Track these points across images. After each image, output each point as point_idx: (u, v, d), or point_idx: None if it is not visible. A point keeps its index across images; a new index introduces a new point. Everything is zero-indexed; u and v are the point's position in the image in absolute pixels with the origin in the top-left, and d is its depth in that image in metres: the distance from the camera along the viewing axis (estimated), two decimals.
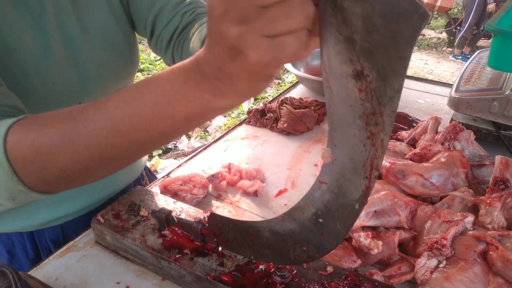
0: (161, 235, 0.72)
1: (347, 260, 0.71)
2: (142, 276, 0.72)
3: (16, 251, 0.91)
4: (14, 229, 0.88)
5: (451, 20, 6.31)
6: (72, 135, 0.47)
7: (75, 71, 0.73)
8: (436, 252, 0.69)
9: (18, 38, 0.65)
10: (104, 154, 0.48)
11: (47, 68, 0.69)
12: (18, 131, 0.49)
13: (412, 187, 0.82)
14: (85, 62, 0.75)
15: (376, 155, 0.43)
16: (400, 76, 0.38)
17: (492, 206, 0.75)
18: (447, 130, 0.95)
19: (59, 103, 0.72)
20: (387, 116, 0.40)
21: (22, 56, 0.66)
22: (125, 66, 0.83)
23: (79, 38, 0.74)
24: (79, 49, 0.74)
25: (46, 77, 0.69)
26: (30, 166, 0.49)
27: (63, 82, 0.72)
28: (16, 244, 0.90)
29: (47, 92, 0.70)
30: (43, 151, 0.48)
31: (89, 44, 0.75)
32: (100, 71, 0.77)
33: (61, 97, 0.72)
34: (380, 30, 0.36)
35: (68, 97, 0.73)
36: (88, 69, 0.75)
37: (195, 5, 0.81)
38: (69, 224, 0.91)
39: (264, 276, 0.64)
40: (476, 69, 1.13)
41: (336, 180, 0.48)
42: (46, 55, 0.69)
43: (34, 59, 0.68)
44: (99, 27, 0.77)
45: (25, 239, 0.90)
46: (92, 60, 0.76)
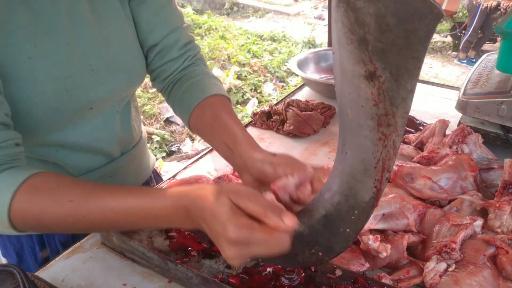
0: (168, 236, 0.72)
1: (355, 263, 0.70)
2: (149, 278, 0.72)
3: (24, 254, 0.91)
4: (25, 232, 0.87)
5: (456, 24, 6.29)
6: (71, 220, 0.58)
7: (91, 76, 0.74)
8: (445, 256, 0.68)
9: (33, 46, 0.66)
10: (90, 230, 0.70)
11: (61, 75, 0.70)
12: (23, 203, 0.57)
13: (420, 190, 0.82)
14: (102, 68, 0.76)
15: (388, 157, 0.43)
16: (413, 76, 0.37)
17: (502, 209, 0.74)
18: (455, 133, 0.94)
19: (71, 108, 0.73)
20: (399, 117, 0.40)
21: (37, 64, 0.67)
22: (138, 72, 0.85)
23: (97, 44, 0.75)
24: (97, 55, 0.75)
25: (60, 84, 0.70)
26: (28, 228, 0.62)
27: (77, 87, 0.72)
28: (25, 247, 0.90)
29: (59, 98, 0.70)
30: (43, 223, 0.59)
31: (107, 50, 0.77)
32: (116, 77, 0.79)
33: (73, 101, 0.73)
34: (394, 30, 0.35)
35: (81, 102, 0.74)
36: (104, 74, 0.76)
37: (195, 50, 0.89)
38: None
39: (272, 279, 0.63)
40: (484, 72, 1.13)
41: (346, 181, 0.47)
42: (60, 61, 0.70)
43: (48, 67, 0.68)
44: (117, 33, 0.79)
45: (34, 242, 0.90)
46: (109, 66, 0.77)
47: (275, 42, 6.26)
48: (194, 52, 0.89)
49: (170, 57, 0.86)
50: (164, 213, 0.55)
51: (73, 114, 0.75)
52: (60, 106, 0.71)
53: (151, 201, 0.56)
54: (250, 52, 5.57)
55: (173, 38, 0.85)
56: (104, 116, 0.82)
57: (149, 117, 4.02)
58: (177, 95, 0.85)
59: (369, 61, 0.38)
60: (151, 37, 0.84)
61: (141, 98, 4.17)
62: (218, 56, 5.28)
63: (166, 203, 0.55)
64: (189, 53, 0.88)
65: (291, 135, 1.17)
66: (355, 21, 0.37)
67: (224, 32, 6.35)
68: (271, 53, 5.72)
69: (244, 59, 5.20)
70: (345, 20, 0.37)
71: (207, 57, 5.21)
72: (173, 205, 0.54)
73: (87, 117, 0.78)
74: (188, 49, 0.88)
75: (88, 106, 0.76)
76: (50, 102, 0.69)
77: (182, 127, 4.02)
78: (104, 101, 0.79)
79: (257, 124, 1.24)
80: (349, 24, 0.37)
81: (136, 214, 0.56)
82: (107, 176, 0.87)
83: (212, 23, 6.59)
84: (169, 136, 3.81)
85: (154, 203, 0.56)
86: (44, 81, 0.68)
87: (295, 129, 1.15)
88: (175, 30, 0.85)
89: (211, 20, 6.77)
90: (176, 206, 0.54)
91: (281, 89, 4.76)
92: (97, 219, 0.57)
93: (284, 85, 4.89)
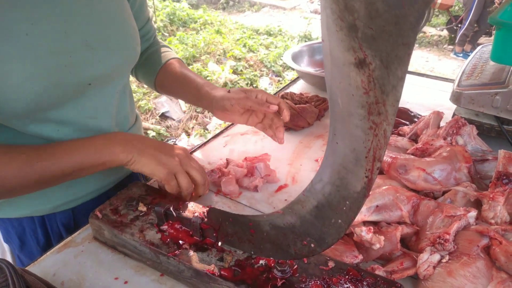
0: (160, 230, 0.72)
1: (348, 255, 0.70)
2: (141, 272, 0.71)
3: (27, 237, 0.91)
4: (26, 214, 0.88)
5: (452, 17, 6.29)
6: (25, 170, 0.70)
7: (88, 53, 0.76)
8: (439, 247, 0.68)
9: (30, 23, 0.68)
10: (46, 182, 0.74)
11: (59, 51, 0.72)
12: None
13: (414, 182, 0.82)
14: (99, 45, 0.78)
15: (379, 146, 0.42)
16: (403, 63, 0.37)
17: (495, 200, 0.74)
18: (449, 125, 0.94)
19: (71, 83, 0.75)
20: (390, 105, 0.39)
21: (35, 41, 0.68)
22: (133, 49, 0.87)
23: (94, 22, 0.77)
24: (93, 33, 0.77)
25: (59, 59, 0.72)
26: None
27: (75, 63, 0.74)
28: (27, 231, 0.90)
29: (59, 73, 0.72)
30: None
31: (103, 27, 0.79)
32: (112, 54, 0.81)
33: (73, 76, 0.74)
34: (384, 15, 0.35)
35: (80, 77, 0.76)
36: (101, 51, 0.78)
37: (154, 33, 1.08)
38: (80, 209, 0.91)
39: (265, 271, 0.63)
40: (478, 64, 1.12)
41: (337, 172, 0.47)
42: (58, 38, 0.71)
43: (46, 43, 0.70)
44: (111, 13, 0.81)
45: (36, 225, 0.90)
46: (105, 43, 0.79)
47: (271, 37, 6.24)
48: (154, 35, 1.08)
49: (142, 41, 0.99)
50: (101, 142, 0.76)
51: (73, 90, 0.77)
52: (61, 81, 0.73)
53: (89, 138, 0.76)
54: (246, 47, 5.55)
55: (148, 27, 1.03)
56: (103, 94, 0.84)
57: (145, 112, 4.00)
58: (137, 65, 1.04)
59: (359, 48, 0.37)
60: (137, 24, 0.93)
61: (137, 93, 4.15)
62: (213, 51, 5.25)
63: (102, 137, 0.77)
64: (152, 38, 1.07)
65: (285, 128, 1.16)
66: (344, 8, 0.36)
67: (220, 26, 6.33)
68: (267, 48, 5.70)
69: (240, 54, 5.18)
70: (334, 6, 0.37)
71: (203, 51, 5.19)
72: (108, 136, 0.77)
73: (87, 94, 0.81)
74: (153, 34, 1.07)
75: (86, 81, 0.78)
76: (52, 77, 0.71)
77: (177, 122, 4.01)
78: (102, 77, 0.81)
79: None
80: (338, 10, 0.36)
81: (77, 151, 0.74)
82: None
83: (207, 18, 6.57)
84: (164, 131, 3.79)
85: (91, 139, 0.76)
86: (44, 56, 0.70)
87: (290, 122, 1.14)
88: (149, 21, 1.03)
89: (206, 14, 6.74)
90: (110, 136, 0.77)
91: (277, 83, 4.75)
92: (48, 163, 0.71)
93: (280, 79, 4.87)
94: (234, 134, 1.16)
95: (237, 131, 1.17)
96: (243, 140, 1.13)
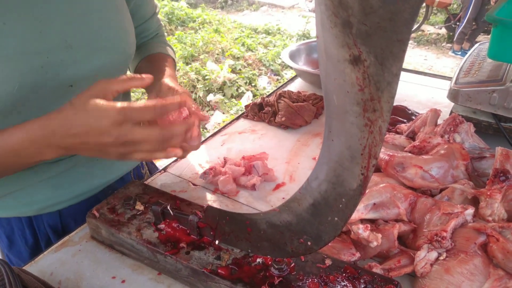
0: (157, 229, 0.71)
1: (345, 253, 0.70)
2: (138, 271, 0.71)
3: (15, 237, 0.91)
4: (13, 214, 0.87)
5: (451, 15, 6.28)
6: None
7: (67, 53, 0.73)
8: (436, 245, 0.68)
9: (2, 23, 0.66)
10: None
11: (34, 51, 0.69)
12: None
13: (411, 180, 0.81)
14: (80, 45, 0.75)
15: (374, 143, 0.42)
16: (398, 60, 0.37)
17: (493, 198, 0.74)
18: (446, 122, 0.94)
19: (49, 85, 0.72)
20: (385, 102, 0.39)
21: (7, 41, 0.66)
22: (120, 51, 0.83)
23: (75, 21, 0.74)
24: (74, 32, 0.74)
25: (34, 60, 0.69)
26: None
27: (53, 64, 0.72)
28: (16, 230, 0.90)
29: (35, 75, 0.70)
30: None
31: (86, 26, 0.76)
32: (95, 54, 0.77)
33: (50, 78, 0.72)
34: (378, 11, 0.34)
35: (58, 79, 0.73)
36: (83, 51, 0.75)
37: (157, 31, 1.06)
38: (68, 211, 0.90)
39: (262, 269, 0.63)
40: (476, 61, 1.12)
41: (333, 169, 0.47)
42: (33, 38, 0.69)
43: (20, 43, 0.68)
44: (98, 12, 0.78)
45: (24, 225, 0.89)
46: (88, 43, 0.76)
47: (269, 35, 6.23)
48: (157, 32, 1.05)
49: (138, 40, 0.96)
50: (20, 146, 0.63)
51: (53, 92, 0.74)
52: (38, 82, 0.71)
53: (8, 136, 0.63)
54: (245, 46, 5.54)
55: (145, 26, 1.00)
56: None
57: None
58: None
59: (353, 44, 0.37)
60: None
61: (135, 93, 4.15)
62: (212, 50, 5.25)
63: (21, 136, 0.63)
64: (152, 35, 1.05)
65: (283, 127, 1.16)
66: (338, 4, 0.36)
67: (218, 25, 6.32)
68: (265, 47, 5.70)
69: (239, 53, 5.17)
70: (328, 2, 0.36)
71: (201, 50, 5.18)
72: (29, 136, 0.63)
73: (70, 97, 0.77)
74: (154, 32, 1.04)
75: (67, 83, 0.75)
76: (26, 79, 0.69)
77: None
78: (86, 80, 0.77)
79: (249, 116, 1.23)
80: (332, 6, 0.36)
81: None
82: (94, 159, 0.88)
83: (206, 17, 6.56)
84: None
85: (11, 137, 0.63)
86: (17, 57, 0.67)
87: (287, 120, 1.15)
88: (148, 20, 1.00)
89: (205, 13, 6.73)
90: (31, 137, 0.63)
91: (275, 82, 4.74)
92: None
93: (279, 78, 4.87)
94: (231, 132, 1.16)
95: (234, 130, 1.17)
96: (240, 138, 1.13)
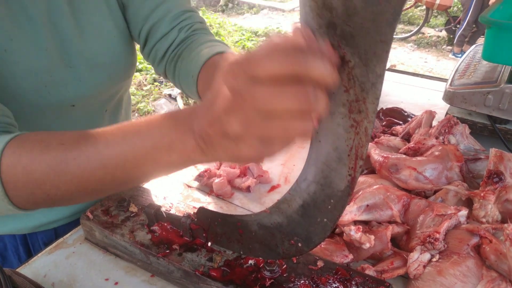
0: (150, 230, 0.72)
1: (338, 255, 0.70)
2: (131, 273, 0.71)
3: (8, 254, 0.90)
4: (7, 231, 0.87)
5: (451, 18, 6.29)
6: (62, 165, 0.48)
7: (68, 72, 0.72)
8: (429, 246, 0.68)
9: (9, 39, 0.64)
10: (89, 186, 0.50)
11: (39, 69, 0.68)
12: (12, 155, 0.50)
13: (405, 181, 0.81)
14: (79, 63, 0.73)
15: (361, 144, 0.42)
16: (382, 60, 0.37)
17: (486, 199, 0.73)
18: (441, 124, 0.94)
19: (51, 105, 0.71)
20: (370, 103, 0.39)
21: (13, 58, 0.65)
22: (120, 69, 0.81)
23: (74, 39, 0.72)
24: (73, 50, 0.72)
25: (38, 78, 0.68)
26: (21, 189, 0.51)
27: (56, 83, 0.70)
28: (9, 247, 0.89)
29: (38, 94, 0.68)
30: (34, 176, 0.49)
31: (85, 45, 0.73)
32: (95, 73, 0.75)
33: (53, 98, 0.70)
34: (361, 12, 0.35)
35: (60, 99, 0.72)
36: (83, 70, 0.73)
37: (193, 20, 0.80)
38: (63, 228, 0.90)
39: (254, 271, 0.63)
40: (471, 63, 1.12)
41: (321, 170, 0.47)
42: (38, 55, 0.67)
43: (26, 60, 0.66)
44: (96, 28, 0.75)
45: (17, 242, 0.89)
46: (87, 62, 0.74)
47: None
48: (191, 22, 0.79)
49: (161, 32, 0.78)
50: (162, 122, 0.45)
51: (54, 111, 0.73)
52: (40, 102, 0.69)
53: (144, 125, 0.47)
54: (245, 49, 5.56)
55: (161, 11, 0.76)
56: (90, 115, 0.80)
57: (144, 114, 4.00)
58: (180, 72, 0.76)
59: (338, 46, 0.37)
60: (140, 16, 0.77)
61: (136, 96, 4.16)
62: None
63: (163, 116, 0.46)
64: (183, 23, 0.78)
65: None
66: (322, 5, 0.36)
67: (219, 29, 6.34)
68: None
69: None
70: (312, 4, 0.37)
71: None
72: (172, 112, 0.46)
73: (71, 116, 0.76)
74: (182, 19, 0.78)
75: (69, 103, 0.74)
76: (29, 97, 0.68)
77: None
78: (86, 98, 0.76)
79: None
80: (316, 8, 0.37)
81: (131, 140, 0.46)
82: None
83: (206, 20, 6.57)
84: None
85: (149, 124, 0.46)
86: (22, 74, 0.66)
87: None
88: (165, 2, 0.76)
89: (205, 17, 6.75)
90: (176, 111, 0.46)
91: None
92: (89, 162, 0.48)
93: None
94: None
95: None
96: None
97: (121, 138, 0.47)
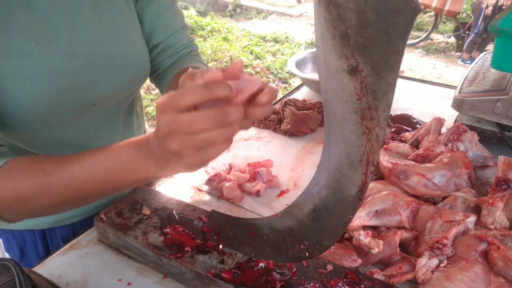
0: (163, 233, 0.73)
1: (347, 259, 0.71)
2: (144, 274, 0.73)
3: (27, 248, 0.93)
4: (28, 227, 0.90)
5: (460, 24, 6.27)
6: (46, 188, 0.59)
7: (92, 74, 0.75)
8: (437, 252, 0.68)
9: (35, 43, 0.67)
10: (70, 202, 0.62)
11: (64, 71, 0.71)
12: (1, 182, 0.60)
13: (414, 188, 0.82)
14: (103, 66, 0.77)
15: (372, 150, 0.43)
16: (393, 70, 0.38)
17: (494, 206, 0.74)
18: (450, 131, 0.95)
19: (73, 104, 0.74)
20: (382, 110, 0.41)
21: (39, 61, 0.68)
22: (140, 70, 0.86)
23: (99, 42, 0.76)
24: (98, 53, 0.76)
25: (63, 80, 0.71)
26: (9, 208, 0.62)
27: (80, 84, 0.74)
28: (28, 242, 0.92)
29: (62, 95, 0.72)
30: (21, 199, 0.60)
31: (109, 48, 0.78)
32: (117, 74, 0.80)
33: (75, 98, 0.74)
34: (374, 24, 0.36)
35: (83, 99, 0.76)
36: (106, 72, 0.78)
37: (193, 47, 0.97)
38: (80, 224, 0.93)
39: (264, 274, 0.64)
40: (480, 71, 1.13)
41: (333, 175, 0.48)
42: (63, 59, 0.71)
43: (51, 63, 0.70)
44: (119, 32, 0.80)
45: (36, 237, 0.92)
46: (110, 64, 0.78)
47: (277, 44, 6.26)
48: (191, 49, 0.96)
49: (169, 54, 0.93)
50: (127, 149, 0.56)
51: (76, 111, 0.76)
52: (63, 102, 0.73)
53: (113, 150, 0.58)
54: (253, 54, 5.58)
55: (174, 39, 0.92)
56: (107, 114, 0.84)
57: (152, 118, 4.03)
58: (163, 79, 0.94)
59: (351, 55, 0.39)
60: (154, 37, 0.90)
61: (144, 100, 4.20)
62: (220, 58, 5.29)
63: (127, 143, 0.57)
64: (185, 50, 0.95)
65: (289, 134, 1.18)
66: (337, 17, 0.37)
67: (227, 33, 6.37)
68: (273, 55, 5.73)
69: (247, 61, 5.21)
70: (327, 15, 0.38)
71: (210, 58, 5.22)
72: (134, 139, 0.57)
73: (91, 115, 0.80)
74: (186, 47, 0.95)
75: (90, 103, 0.77)
76: (53, 98, 0.71)
77: None
78: (107, 98, 0.80)
79: (255, 123, 1.25)
80: (331, 19, 0.38)
81: (102, 164, 0.57)
82: None
83: (215, 25, 6.61)
84: None
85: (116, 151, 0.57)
86: (47, 77, 0.70)
87: (292, 128, 1.16)
88: (177, 32, 0.92)
89: (214, 21, 6.79)
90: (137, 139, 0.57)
91: (283, 90, 4.76)
92: (68, 184, 0.59)
93: (286, 86, 4.89)
94: (237, 139, 1.18)
95: (240, 137, 1.19)
96: (246, 145, 1.14)
97: (93, 163, 0.58)
